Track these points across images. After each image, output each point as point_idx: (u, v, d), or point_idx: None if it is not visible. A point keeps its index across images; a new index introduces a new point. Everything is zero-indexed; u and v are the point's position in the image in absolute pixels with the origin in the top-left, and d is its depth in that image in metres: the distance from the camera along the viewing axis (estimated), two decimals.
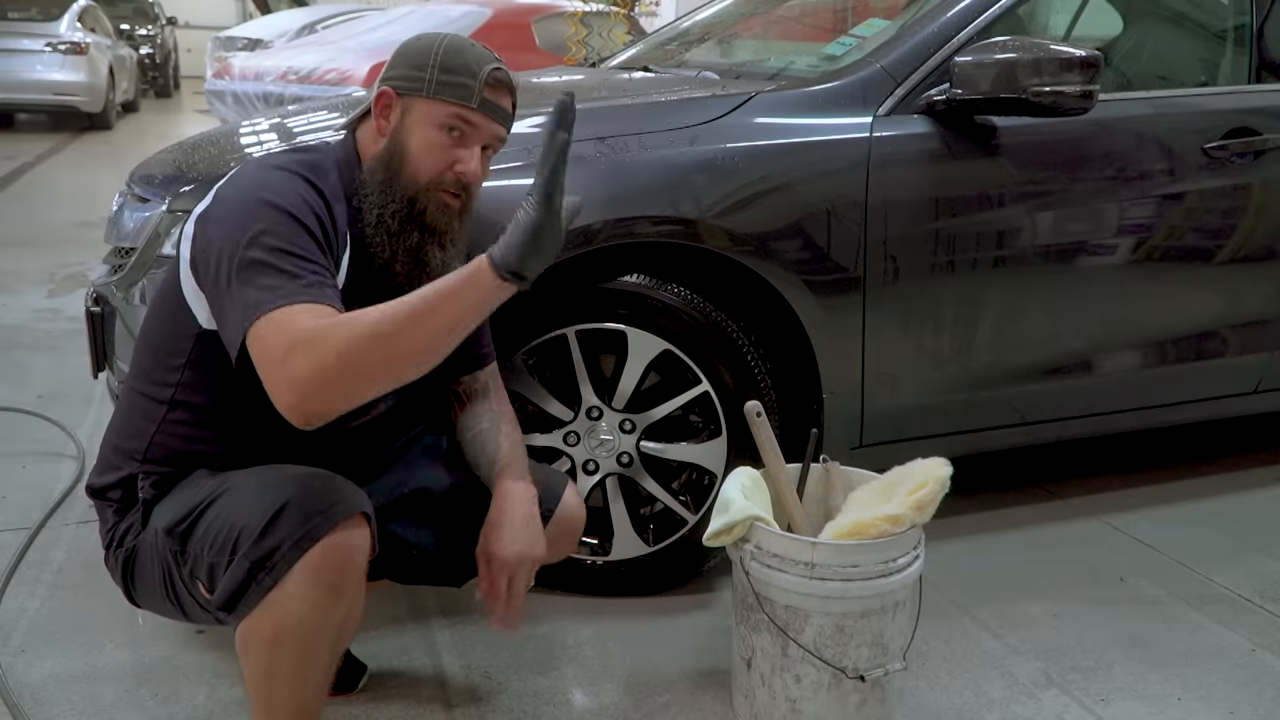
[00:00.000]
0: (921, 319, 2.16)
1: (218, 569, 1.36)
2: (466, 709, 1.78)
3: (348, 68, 6.72)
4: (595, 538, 2.08)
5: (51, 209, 6.29)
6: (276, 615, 1.33)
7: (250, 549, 1.31)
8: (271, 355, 1.25)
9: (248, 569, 1.31)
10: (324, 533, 1.31)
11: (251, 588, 1.32)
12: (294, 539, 1.30)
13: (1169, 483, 2.78)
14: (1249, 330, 2.53)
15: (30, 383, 3.27)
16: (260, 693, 1.41)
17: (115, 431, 1.55)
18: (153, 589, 1.50)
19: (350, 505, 1.35)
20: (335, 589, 1.34)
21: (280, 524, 1.31)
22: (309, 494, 1.34)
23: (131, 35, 14.14)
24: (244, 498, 1.37)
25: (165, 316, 1.49)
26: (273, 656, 1.36)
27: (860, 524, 1.63)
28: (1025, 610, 2.14)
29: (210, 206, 1.43)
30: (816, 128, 2.06)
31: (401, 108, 1.50)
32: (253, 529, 1.31)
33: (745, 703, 1.74)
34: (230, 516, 1.36)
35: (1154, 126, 2.33)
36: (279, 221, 1.34)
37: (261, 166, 1.45)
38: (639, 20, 8.94)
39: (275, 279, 1.29)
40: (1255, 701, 1.87)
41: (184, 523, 1.41)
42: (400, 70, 1.51)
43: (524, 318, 1.93)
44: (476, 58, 1.49)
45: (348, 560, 1.34)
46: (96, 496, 1.55)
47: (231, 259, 1.32)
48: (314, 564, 1.31)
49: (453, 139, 1.49)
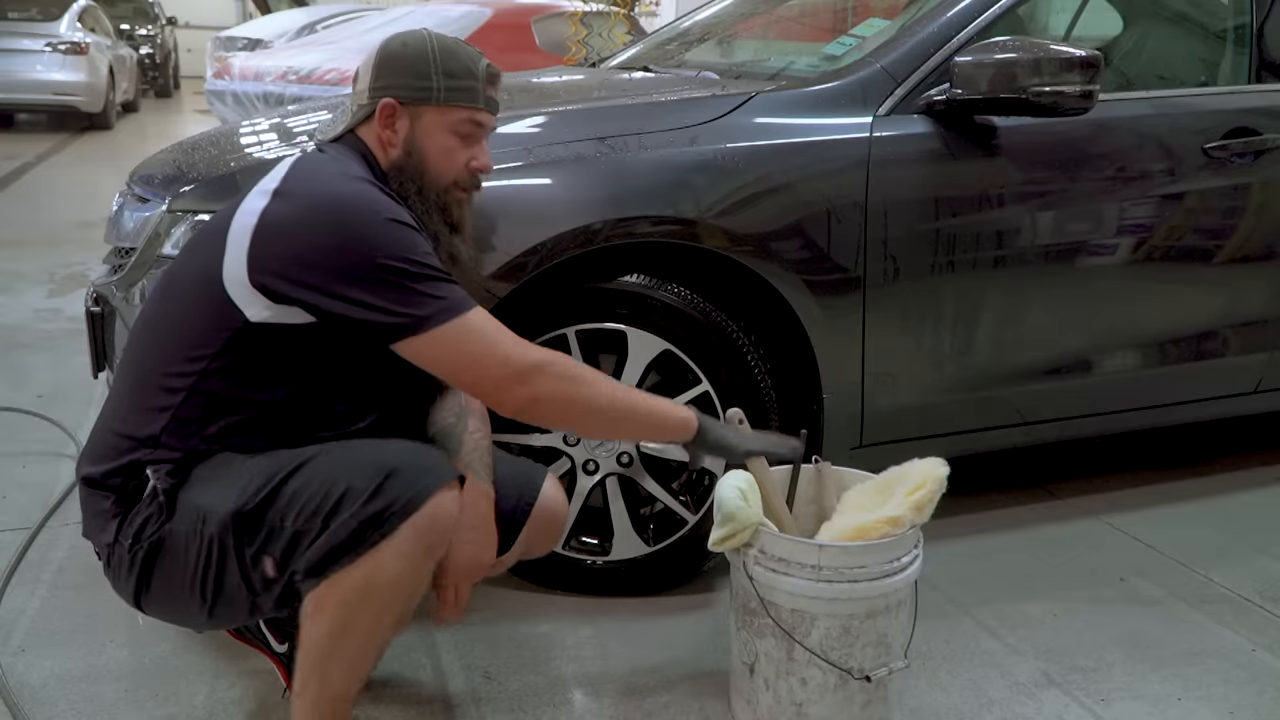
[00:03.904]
0: (921, 319, 2.16)
1: (303, 538, 1.37)
2: (466, 709, 1.78)
3: (348, 68, 6.71)
4: (595, 538, 2.08)
5: (51, 209, 6.29)
6: (370, 570, 1.36)
7: (360, 509, 1.35)
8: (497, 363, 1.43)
9: (355, 527, 1.35)
10: (432, 492, 1.38)
11: (359, 545, 1.35)
12: (406, 497, 1.36)
13: (1169, 483, 2.78)
14: (1249, 330, 2.53)
15: (30, 383, 3.27)
16: (321, 654, 1.41)
17: (116, 418, 1.51)
18: (183, 582, 1.45)
19: (451, 469, 1.45)
20: (431, 550, 1.41)
21: (392, 484, 1.36)
22: (416, 457, 1.42)
23: (131, 35, 14.14)
24: (340, 467, 1.40)
25: (191, 309, 1.47)
26: (351, 612, 1.38)
27: (862, 527, 1.63)
28: (1025, 610, 2.14)
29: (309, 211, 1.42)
30: (816, 128, 2.06)
31: (409, 116, 1.53)
32: (360, 490, 1.35)
33: (748, 708, 1.73)
34: (326, 484, 1.37)
35: (1154, 126, 2.33)
36: (404, 233, 1.43)
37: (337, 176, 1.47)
38: (639, 20, 8.95)
39: (444, 289, 1.42)
40: (1255, 701, 1.87)
41: (257, 497, 1.39)
42: (399, 79, 1.53)
43: (524, 318, 1.93)
44: (470, 56, 1.56)
45: (447, 523, 1.42)
46: (91, 485, 1.50)
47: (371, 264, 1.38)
48: (421, 524, 1.37)
49: (465, 139, 1.57)
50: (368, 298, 1.39)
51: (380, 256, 1.39)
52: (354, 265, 1.39)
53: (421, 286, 1.41)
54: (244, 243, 1.42)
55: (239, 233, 1.43)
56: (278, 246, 1.41)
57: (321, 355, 1.48)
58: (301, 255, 1.40)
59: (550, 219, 1.87)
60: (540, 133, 1.99)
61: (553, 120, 2.09)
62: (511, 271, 1.84)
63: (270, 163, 2.06)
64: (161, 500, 1.45)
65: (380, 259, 1.39)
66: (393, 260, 1.39)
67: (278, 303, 1.42)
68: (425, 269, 1.42)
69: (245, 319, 1.43)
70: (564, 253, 1.88)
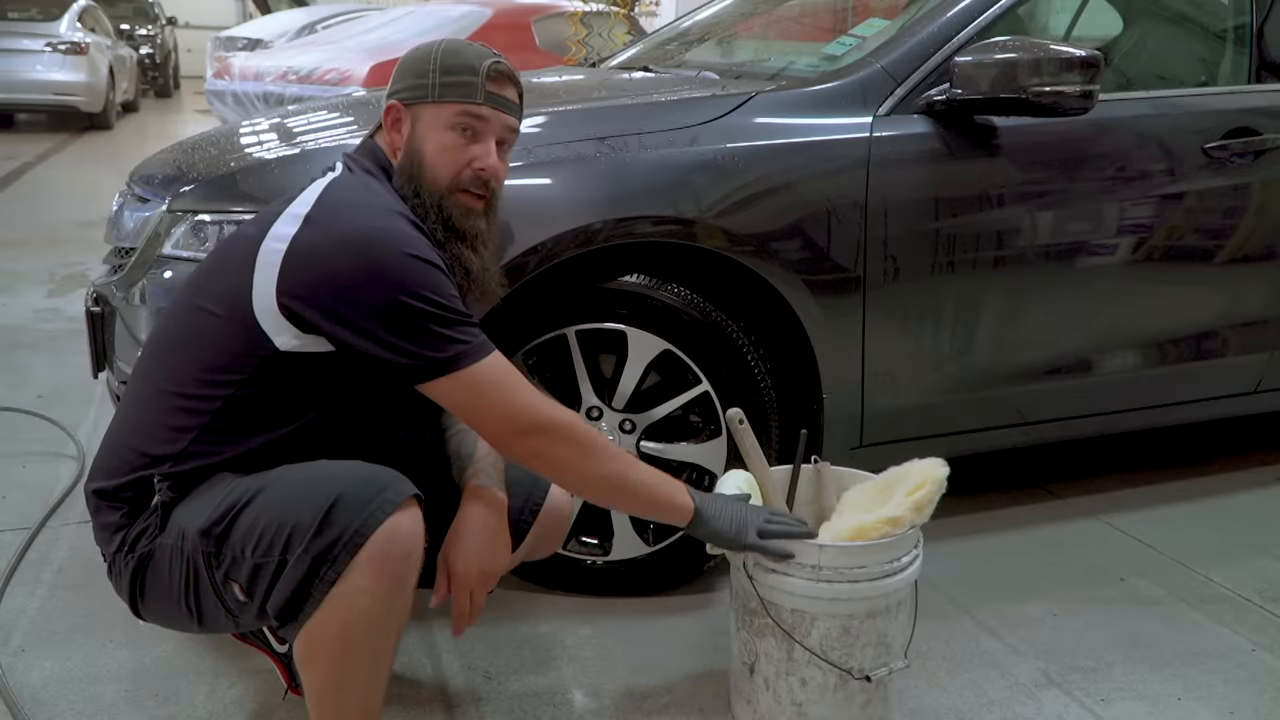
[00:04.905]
0: (921, 319, 2.16)
1: (263, 570, 1.34)
2: (466, 709, 1.78)
3: (348, 68, 6.72)
4: (595, 538, 2.08)
5: (51, 209, 6.29)
6: (342, 613, 1.32)
7: (309, 544, 1.30)
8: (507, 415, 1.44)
9: (309, 565, 1.31)
10: (382, 519, 1.32)
11: (315, 584, 1.31)
12: (354, 528, 1.31)
13: (1169, 483, 2.78)
14: (1249, 330, 2.53)
15: (30, 383, 3.27)
16: (330, 701, 1.39)
17: (136, 433, 1.49)
18: (169, 595, 1.45)
19: (402, 489, 1.36)
20: (399, 577, 1.35)
21: (337, 515, 1.31)
22: (360, 483, 1.35)
23: (131, 35, 14.13)
24: (290, 495, 1.36)
25: (220, 333, 1.45)
26: (343, 659, 1.35)
27: (861, 527, 1.63)
28: (1025, 610, 2.14)
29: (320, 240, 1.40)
30: (816, 128, 2.06)
31: (411, 117, 1.52)
32: (308, 524, 1.31)
33: (748, 708, 1.73)
34: (278, 515, 1.34)
35: (1154, 126, 2.33)
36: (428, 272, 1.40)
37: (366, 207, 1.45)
38: (639, 20, 8.94)
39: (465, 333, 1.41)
40: (1255, 701, 1.87)
41: (221, 523, 1.38)
42: (403, 82, 1.53)
43: (524, 318, 1.93)
44: (475, 54, 1.52)
45: (411, 545, 1.35)
46: (102, 498, 1.49)
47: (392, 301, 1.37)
48: (377, 553, 1.31)
49: (465, 138, 1.51)
50: (386, 335, 1.38)
51: (401, 294, 1.37)
52: (376, 301, 1.37)
53: (440, 329, 1.39)
54: (274, 270, 1.40)
55: (268, 258, 1.41)
56: (306, 275, 1.39)
57: (346, 383, 1.47)
58: (328, 285, 1.38)
59: (550, 219, 1.87)
60: (540, 133, 1.99)
61: (553, 120, 2.09)
62: (511, 272, 1.84)
63: (270, 163, 2.08)
64: (158, 514, 1.45)
65: (401, 297, 1.37)
66: (413, 299, 1.37)
67: (306, 332, 1.40)
68: (446, 311, 1.39)
69: (275, 347, 1.41)
70: (564, 253, 1.88)
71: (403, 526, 1.34)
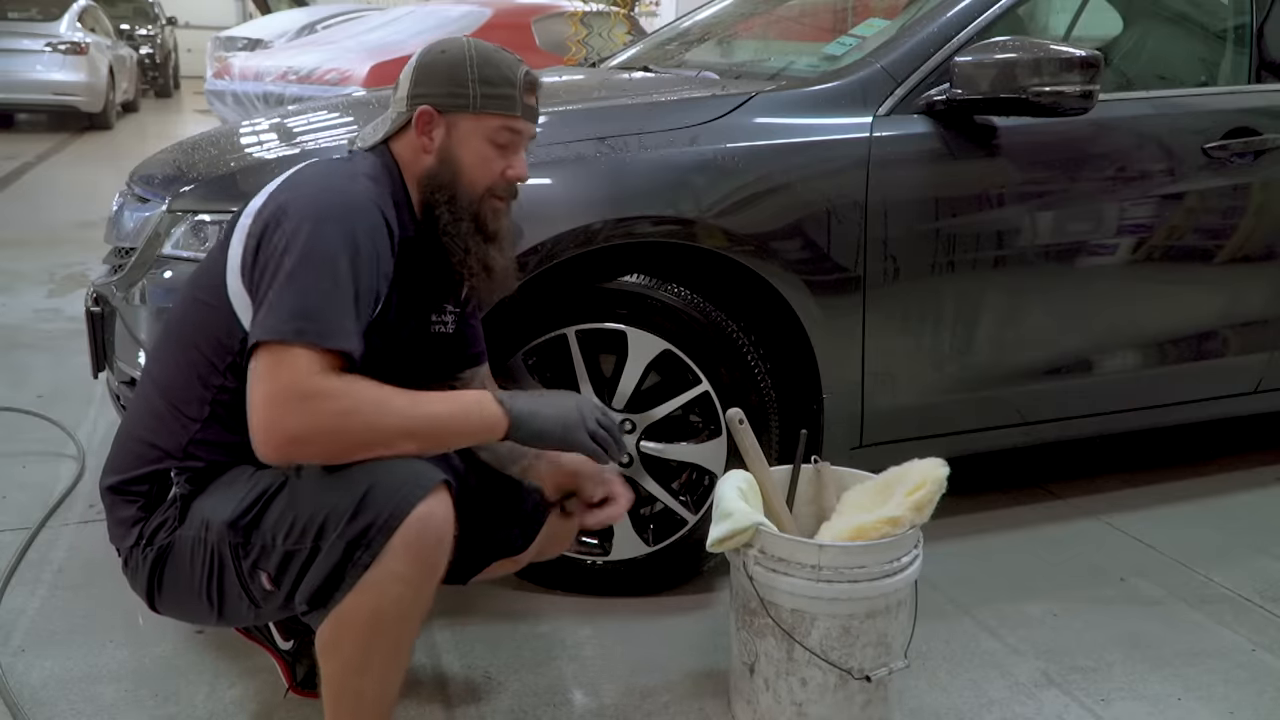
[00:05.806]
0: (921, 319, 2.16)
1: (294, 558, 1.35)
2: (466, 709, 1.78)
3: (348, 68, 6.72)
4: (595, 538, 2.08)
5: (51, 209, 6.29)
6: (374, 598, 1.33)
7: (344, 529, 1.31)
8: (272, 390, 1.30)
9: (343, 550, 1.31)
10: (415, 503, 1.32)
11: (349, 569, 1.32)
12: (388, 511, 1.31)
13: (1169, 483, 2.78)
14: (1249, 330, 2.53)
15: (30, 383, 3.27)
16: (349, 690, 1.39)
17: (144, 426, 1.50)
18: (190, 586, 1.45)
19: (433, 475, 1.36)
20: (431, 564, 1.35)
21: (372, 499, 1.31)
22: (392, 471, 1.35)
23: (131, 35, 14.13)
24: (323, 484, 1.36)
25: (209, 320, 1.45)
26: (369, 646, 1.36)
27: (861, 527, 1.63)
28: (1025, 610, 2.14)
29: (275, 213, 1.39)
30: (816, 128, 2.06)
31: (445, 124, 1.51)
32: (343, 510, 1.32)
33: (748, 708, 1.73)
34: (311, 503, 1.35)
35: (1154, 126, 2.33)
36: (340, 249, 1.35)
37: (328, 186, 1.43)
38: (639, 20, 8.95)
39: (317, 301, 1.32)
40: (1255, 701, 1.87)
41: (249, 514, 1.38)
42: (439, 88, 1.51)
43: (524, 318, 1.93)
44: (508, 64, 1.53)
45: (444, 532, 1.35)
46: (116, 492, 1.50)
47: (279, 268, 1.33)
48: (410, 538, 1.32)
49: (501, 148, 1.54)
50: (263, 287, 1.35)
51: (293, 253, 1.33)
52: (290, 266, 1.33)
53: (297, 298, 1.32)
54: (239, 250, 1.42)
55: (236, 241, 1.43)
56: (252, 245, 1.40)
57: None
58: (264, 250, 1.37)
59: (550, 219, 1.87)
60: (540, 133, 1.99)
61: (553, 120, 2.09)
62: None
63: (270, 163, 2.08)
64: (178, 506, 1.46)
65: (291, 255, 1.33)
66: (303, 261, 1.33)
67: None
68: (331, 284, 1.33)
69: (246, 330, 1.40)
70: (564, 253, 1.88)
71: (436, 513, 1.34)
